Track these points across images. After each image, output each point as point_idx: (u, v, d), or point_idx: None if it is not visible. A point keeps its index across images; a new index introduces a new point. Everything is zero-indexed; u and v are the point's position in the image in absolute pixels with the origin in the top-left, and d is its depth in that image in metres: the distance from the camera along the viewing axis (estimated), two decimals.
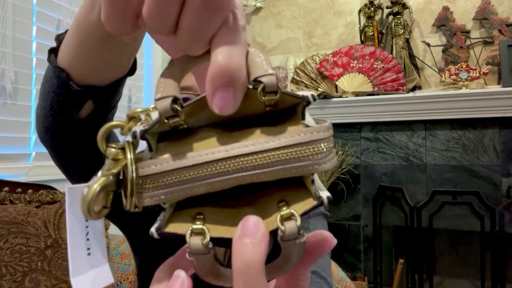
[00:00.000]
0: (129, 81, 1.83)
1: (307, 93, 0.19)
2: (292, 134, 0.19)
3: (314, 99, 0.19)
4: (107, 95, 0.42)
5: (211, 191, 0.19)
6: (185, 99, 0.68)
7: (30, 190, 1.02)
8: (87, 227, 0.20)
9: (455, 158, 1.90)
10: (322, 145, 0.19)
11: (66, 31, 0.39)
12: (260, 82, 0.19)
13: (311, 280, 0.55)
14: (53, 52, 0.41)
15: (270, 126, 0.19)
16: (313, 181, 0.19)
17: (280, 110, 0.21)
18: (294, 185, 0.20)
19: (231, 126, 0.20)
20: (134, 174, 0.18)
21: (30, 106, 1.32)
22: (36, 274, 0.93)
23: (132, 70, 0.43)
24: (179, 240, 0.19)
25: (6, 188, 0.98)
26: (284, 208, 0.19)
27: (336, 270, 1.02)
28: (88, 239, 0.20)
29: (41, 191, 1.04)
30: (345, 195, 2.08)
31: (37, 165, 1.30)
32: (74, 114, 0.42)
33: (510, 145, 1.81)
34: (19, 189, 1.00)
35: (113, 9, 0.19)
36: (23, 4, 1.29)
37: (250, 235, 0.17)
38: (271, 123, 0.20)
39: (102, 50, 0.36)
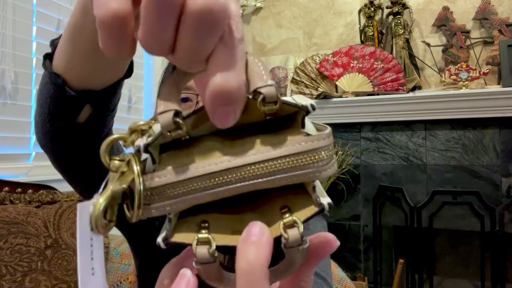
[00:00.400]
0: (129, 81, 1.83)
1: (307, 102, 0.20)
2: (293, 143, 0.19)
3: (313, 109, 0.20)
4: (105, 99, 0.41)
5: (215, 200, 0.19)
6: (185, 99, 0.68)
7: (30, 190, 1.02)
8: (91, 246, 0.20)
9: (455, 158, 1.90)
10: (323, 152, 0.19)
11: (61, 36, 0.38)
12: (260, 93, 0.19)
13: None
14: (48, 57, 0.40)
15: (271, 134, 0.20)
16: (314, 188, 0.20)
17: (280, 117, 0.21)
18: (296, 190, 0.21)
19: (233, 134, 0.20)
20: (142, 187, 0.19)
21: (30, 106, 1.32)
22: (36, 274, 0.93)
23: (129, 72, 0.42)
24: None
25: (6, 188, 0.98)
26: (287, 215, 0.19)
27: (336, 270, 1.02)
28: (92, 259, 0.20)
29: (41, 191, 1.04)
30: (345, 195, 2.08)
31: (37, 165, 1.30)
32: (72, 119, 0.42)
33: (510, 145, 1.81)
34: (19, 189, 1.00)
35: (110, 36, 0.18)
36: (23, 4, 1.29)
37: (254, 239, 0.18)
38: (272, 130, 0.20)
39: (96, 55, 0.36)
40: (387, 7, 2.10)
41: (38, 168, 1.29)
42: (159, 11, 0.17)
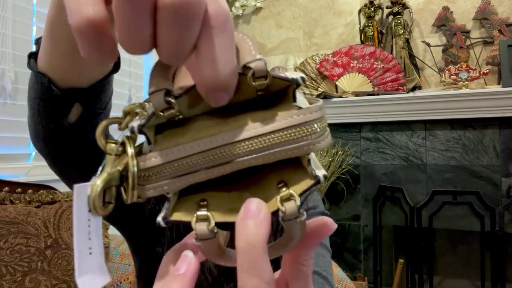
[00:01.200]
0: (129, 80, 1.83)
1: (297, 75, 0.20)
2: (285, 117, 0.19)
3: (304, 81, 0.20)
4: (94, 96, 0.41)
5: (212, 178, 0.19)
6: None
7: (30, 190, 1.01)
8: (89, 226, 0.20)
9: (455, 158, 1.90)
10: (316, 125, 0.19)
11: None
12: (249, 68, 0.19)
13: (313, 280, 0.55)
14: (33, 56, 0.39)
15: (264, 110, 0.20)
16: (309, 161, 0.20)
17: (272, 93, 0.21)
18: (293, 164, 0.21)
19: (226, 112, 0.20)
20: (135, 169, 0.19)
21: None
22: (36, 274, 0.93)
23: (115, 67, 0.41)
24: (179, 239, 0.19)
25: (6, 188, 0.98)
26: (284, 189, 0.19)
27: (336, 270, 1.02)
28: (90, 239, 0.20)
29: (41, 191, 1.04)
30: (345, 195, 2.08)
31: (37, 165, 1.30)
32: (63, 119, 0.41)
33: (510, 145, 1.81)
34: (19, 189, 1.00)
35: (89, 44, 0.18)
36: (23, 4, 1.29)
37: (252, 216, 0.18)
38: (264, 106, 0.20)
39: (76, 51, 0.34)
40: (387, 7, 2.10)
41: (38, 168, 1.29)
42: (131, 10, 0.17)
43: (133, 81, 1.85)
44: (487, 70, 1.82)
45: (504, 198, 1.80)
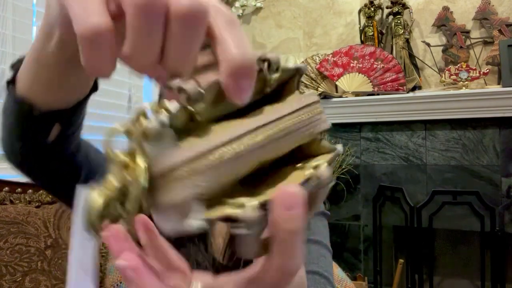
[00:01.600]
0: (129, 81, 1.83)
1: (300, 64, 0.22)
2: (297, 100, 0.21)
3: (305, 69, 0.23)
4: (74, 116, 0.41)
5: (253, 168, 0.18)
6: None
7: (30, 190, 1.01)
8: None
9: (455, 158, 1.90)
10: (318, 105, 0.22)
11: (19, 60, 0.37)
12: (265, 59, 0.20)
13: (314, 280, 0.55)
14: (12, 82, 0.39)
15: (270, 104, 0.21)
16: (321, 138, 0.22)
17: (269, 93, 0.22)
18: (291, 166, 0.22)
19: (234, 116, 0.20)
20: (146, 184, 0.16)
21: None
22: (36, 274, 0.93)
23: (95, 87, 0.41)
24: (178, 242, 0.19)
25: (6, 188, 0.98)
26: (310, 162, 0.20)
27: (336, 271, 1.02)
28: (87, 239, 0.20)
29: (41, 191, 1.04)
30: (345, 195, 2.08)
31: None
32: (43, 140, 0.41)
33: (510, 145, 1.81)
34: (19, 189, 1.00)
35: (92, 53, 0.18)
36: (23, 4, 1.28)
37: (292, 205, 0.17)
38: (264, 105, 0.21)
39: (62, 78, 0.34)
40: (387, 7, 2.10)
41: None
42: (147, 19, 0.17)
43: (133, 81, 1.85)
44: (487, 70, 1.82)
45: (504, 198, 1.80)
